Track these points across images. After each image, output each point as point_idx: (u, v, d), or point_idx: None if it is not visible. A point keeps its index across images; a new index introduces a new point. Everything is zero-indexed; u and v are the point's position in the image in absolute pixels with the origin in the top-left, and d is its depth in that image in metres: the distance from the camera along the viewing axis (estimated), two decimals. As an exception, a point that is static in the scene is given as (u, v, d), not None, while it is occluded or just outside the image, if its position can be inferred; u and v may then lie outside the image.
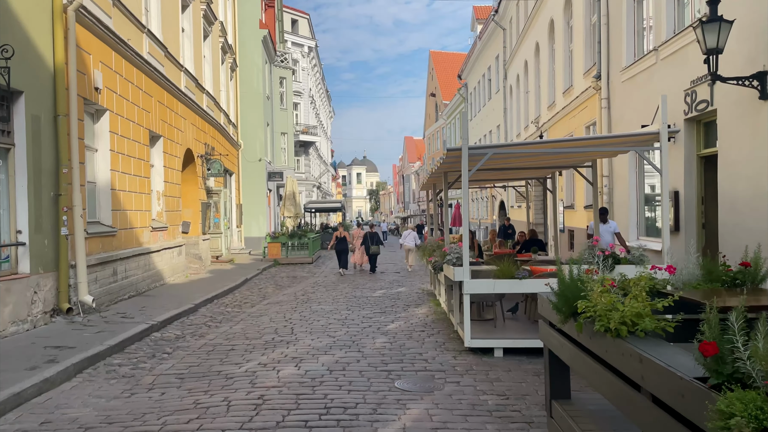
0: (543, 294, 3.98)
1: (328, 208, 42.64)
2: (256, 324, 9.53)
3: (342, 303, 11.81)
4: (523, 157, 8.03)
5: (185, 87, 17.31)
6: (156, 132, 14.46)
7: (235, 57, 27.59)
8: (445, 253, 7.58)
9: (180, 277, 15.81)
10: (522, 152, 7.33)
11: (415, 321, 9.46)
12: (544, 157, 8.30)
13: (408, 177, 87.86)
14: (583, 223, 15.96)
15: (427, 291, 13.58)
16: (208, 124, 20.68)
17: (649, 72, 11.31)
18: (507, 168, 9.79)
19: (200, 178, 19.25)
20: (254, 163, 29.84)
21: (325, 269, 20.19)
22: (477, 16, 41.61)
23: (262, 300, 12.69)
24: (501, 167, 9.42)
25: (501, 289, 6.89)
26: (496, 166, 9.13)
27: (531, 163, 9.16)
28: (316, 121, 54.78)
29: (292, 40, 47.27)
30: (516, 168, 9.94)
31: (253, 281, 16.59)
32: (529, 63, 23.96)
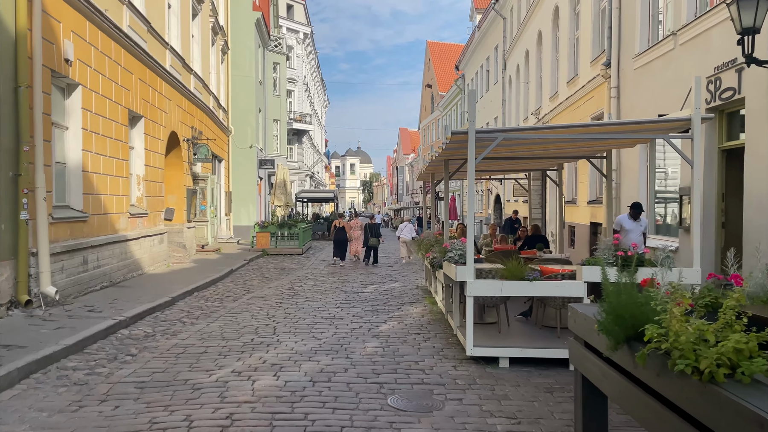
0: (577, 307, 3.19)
1: (321, 198, 41.79)
2: (235, 321, 8.71)
3: (331, 299, 11.02)
4: (535, 143, 7.24)
5: (170, 66, 16.38)
6: (136, 112, 13.55)
7: (227, 39, 26.58)
8: (445, 249, 6.79)
9: (161, 267, 14.95)
10: (536, 137, 6.53)
11: (410, 321, 8.67)
12: (557, 144, 7.51)
13: (402, 169, 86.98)
14: (585, 219, 15.22)
15: (421, 287, 12.80)
16: (196, 107, 19.74)
17: (666, 58, 10.52)
18: (512, 157, 8.99)
19: (186, 163, 18.34)
20: (245, 150, 28.91)
21: (315, 261, 19.38)
22: (476, 6, 40.68)
23: (245, 293, 11.87)
24: (507, 156, 8.62)
25: (509, 291, 6.11)
26: (502, 155, 8.33)
27: (540, 152, 8.37)
28: (310, 110, 53.76)
29: (287, 25, 46.14)
30: (522, 157, 9.14)
31: (238, 272, 15.76)
32: (531, 52, 23.14)
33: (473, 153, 6.06)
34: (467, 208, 40.62)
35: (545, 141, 6.89)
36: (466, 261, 6.30)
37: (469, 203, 6.11)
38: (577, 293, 6.09)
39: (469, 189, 6.15)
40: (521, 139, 6.60)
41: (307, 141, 53.18)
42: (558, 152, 8.53)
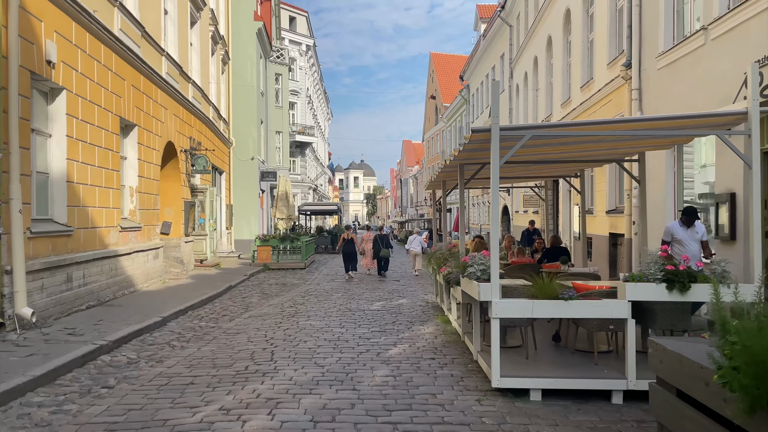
0: (664, 343, 2.37)
1: (324, 211, 41.04)
2: (230, 345, 7.89)
3: (335, 318, 10.19)
4: (562, 144, 6.45)
5: (167, 74, 15.71)
6: (129, 120, 12.84)
7: (227, 49, 26.01)
8: (464, 263, 5.98)
9: (156, 283, 14.16)
10: (570, 135, 5.74)
11: (422, 344, 7.84)
12: (585, 146, 6.72)
13: (406, 181, 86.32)
14: (603, 230, 14.38)
15: (431, 304, 11.97)
16: (194, 117, 19.07)
17: (695, 55, 9.75)
18: (531, 161, 8.20)
19: (183, 174, 17.62)
20: (246, 162, 28.23)
21: (318, 276, 18.56)
22: (481, 15, 40.15)
23: (243, 312, 11.06)
24: (525, 159, 7.84)
25: (541, 312, 5.29)
26: (521, 158, 7.53)
27: (564, 155, 7.58)
28: (313, 122, 53.22)
29: (290, 37, 45.74)
30: (542, 161, 8.35)
31: (237, 288, 14.95)
32: (540, 59, 22.43)
33: (497, 153, 5.27)
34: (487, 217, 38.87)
35: (576, 140, 6.10)
36: (489, 277, 5.49)
37: (492, 211, 5.32)
38: (620, 314, 5.27)
39: (493, 195, 5.35)
40: (551, 138, 5.81)
41: (310, 153, 52.59)
42: (584, 155, 7.74)
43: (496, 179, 5.32)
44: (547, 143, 6.34)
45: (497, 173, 5.33)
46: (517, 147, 5.43)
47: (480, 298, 5.32)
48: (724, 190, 8.70)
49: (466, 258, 5.93)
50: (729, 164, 8.61)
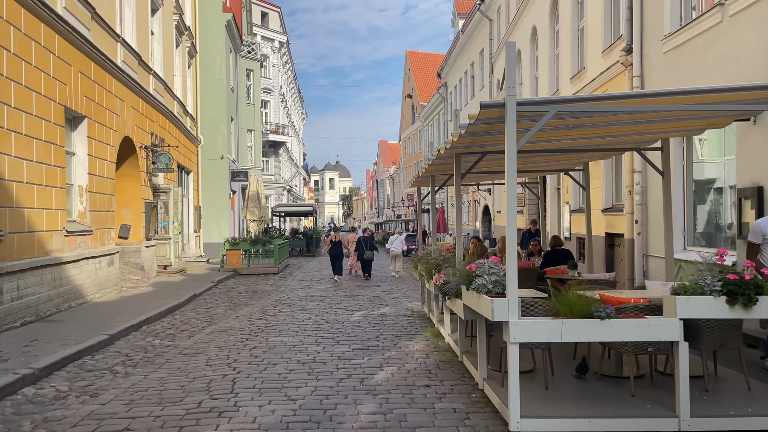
0: None
1: (299, 212, 39.64)
2: (184, 370, 6.63)
3: (310, 332, 8.96)
4: (580, 127, 5.36)
5: (123, 62, 14.30)
6: (77, 111, 11.45)
7: (194, 42, 24.56)
8: (470, 272, 4.84)
9: (110, 293, 12.76)
10: (605, 111, 4.59)
11: (413, 365, 6.67)
12: (607, 129, 5.63)
13: (382, 182, 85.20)
14: (599, 229, 13.40)
15: (417, 312, 10.82)
16: (157, 112, 17.65)
17: (710, 35, 8.78)
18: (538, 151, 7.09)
19: (144, 173, 16.20)
20: (216, 161, 26.80)
21: (293, 281, 17.28)
22: (459, 10, 39.25)
23: (206, 326, 9.77)
24: (532, 149, 6.73)
25: (573, 334, 4.18)
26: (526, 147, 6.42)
27: (577, 142, 6.49)
28: (287, 121, 51.74)
29: (262, 33, 44.21)
30: (549, 151, 7.24)
31: (202, 297, 13.61)
32: (524, 51, 21.49)
33: (514, 135, 4.14)
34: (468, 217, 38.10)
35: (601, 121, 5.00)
36: (504, 290, 4.37)
37: (509, 207, 4.20)
38: (670, 335, 4.18)
39: (509, 188, 4.22)
40: (576, 115, 4.69)
41: (284, 153, 51.09)
42: (598, 142, 6.66)
43: (512, 167, 4.19)
44: (562, 126, 5.24)
45: (514, 160, 4.20)
46: (538, 127, 4.30)
47: (494, 317, 4.18)
48: (749, 183, 7.73)
49: (472, 266, 4.80)
50: (754, 154, 7.64)
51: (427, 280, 8.31)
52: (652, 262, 10.70)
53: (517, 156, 7.55)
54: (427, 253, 8.89)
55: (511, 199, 4.26)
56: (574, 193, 15.66)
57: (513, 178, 4.20)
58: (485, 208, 31.18)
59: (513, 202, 4.30)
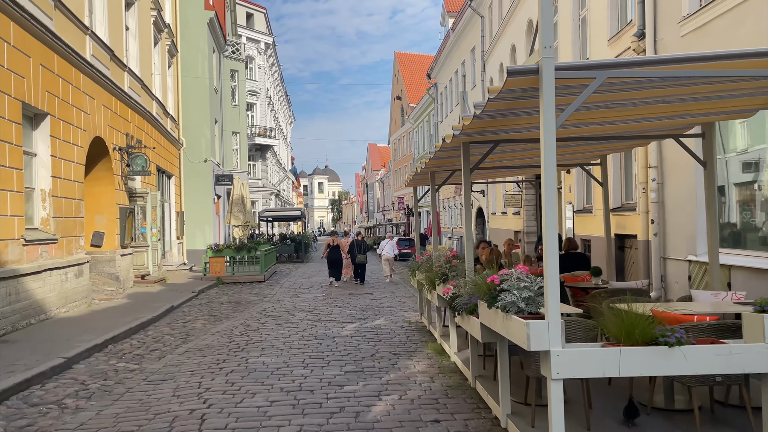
0: None
1: (287, 217, 38.55)
2: (145, 404, 5.60)
3: (296, 350, 7.95)
4: (622, 105, 4.41)
5: (93, 56, 13.24)
6: (38, 107, 10.39)
7: (175, 40, 23.49)
8: (491, 285, 3.87)
9: (78, 307, 11.67)
10: (665, 76, 3.61)
11: (416, 392, 5.69)
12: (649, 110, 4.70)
13: (372, 185, 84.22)
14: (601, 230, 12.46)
15: (415, 324, 9.85)
16: (133, 111, 16.57)
17: (737, 13, 7.88)
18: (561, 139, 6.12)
19: (118, 176, 15.11)
20: (199, 165, 25.68)
21: (280, 290, 16.23)
22: (448, 9, 38.47)
23: (180, 344, 8.73)
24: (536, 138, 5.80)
25: (633, 367, 3.22)
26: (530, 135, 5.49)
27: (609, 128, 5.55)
28: (274, 124, 50.67)
29: (247, 35, 43.16)
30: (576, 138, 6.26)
31: (180, 310, 12.55)
32: (518, 46, 20.64)
33: (552, 108, 3.20)
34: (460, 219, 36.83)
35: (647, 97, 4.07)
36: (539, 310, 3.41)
37: (547, 203, 3.26)
38: (760, 365, 3.24)
39: (546, 176, 3.26)
40: (626, 86, 3.71)
41: (272, 157, 50.02)
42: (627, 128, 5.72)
43: (551, 152, 3.24)
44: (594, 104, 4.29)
45: (552, 142, 3.25)
46: (580, 100, 3.36)
47: (531, 345, 3.22)
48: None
49: (495, 277, 3.83)
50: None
51: (428, 289, 7.34)
52: (672, 266, 9.79)
53: (519, 150, 6.64)
54: (427, 259, 7.92)
55: (550, 193, 3.31)
56: (577, 191, 14.77)
57: (552, 165, 3.25)
58: (479, 211, 30.30)
59: (552, 197, 3.34)
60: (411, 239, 35.41)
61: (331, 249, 17.65)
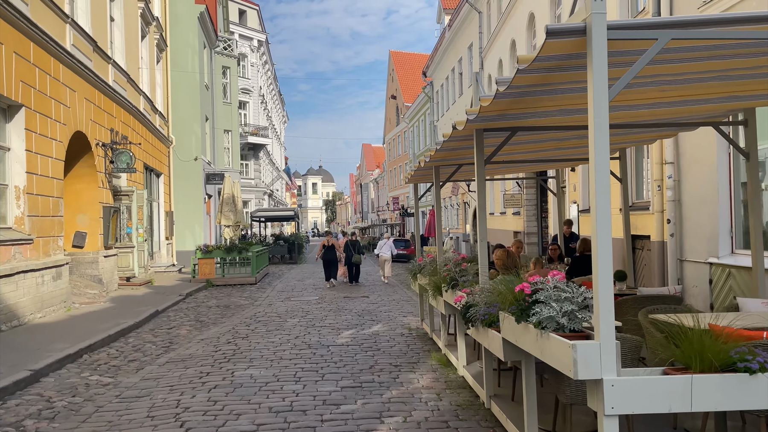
0: None
1: (280, 217, 37.80)
2: (114, 427, 4.92)
3: (287, 361, 7.27)
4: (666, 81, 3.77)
5: (73, 46, 12.52)
6: (11, 99, 9.67)
7: (164, 34, 22.77)
8: (519, 295, 3.21)
9: (56, 312, 10.95)
10: (741, 38, 2.98)
11: (423, 413, 5.03)
12: (692, 90, 4.07)
13: (366, 185, 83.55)
14: (617, 231, 11.85)
15: (415, 331, 9.19)
16: (118, 106, 15.85)
17: None
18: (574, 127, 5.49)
19: (102, 173, 14.38)
20: (189, 163, 24.94)
21: (271, 293, 15.54)
22: (444, 6, 37.83)
23: (162, 353, 8.05)
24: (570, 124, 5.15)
25: (708, 400, 2.59)
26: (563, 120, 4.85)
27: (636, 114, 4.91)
28: (267, 123, 49.90)
29: (240, 32, 42.37)
30: (628, 126, 5.59)
31: (166, 314, 11.84)
32: (519, 41, 20.04)
33: (604, 75, 2.56)
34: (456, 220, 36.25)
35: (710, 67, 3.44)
36: (583, 328, 2.76)
37: (598, 197, 2.61)
38: None
39: (598, 164, 2.62)
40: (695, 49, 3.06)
41: (265, 157, 49.24)
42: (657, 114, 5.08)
43: (603, 130, 2.60)
44: (642, 79, 3.65)
45: (605, 118, 2.60)
46: (640, 65, 2.71)
47: (578, 373, 2.57)
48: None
49: (525, 287, 3.17)
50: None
51: (433, 295, 6.68)
52: (690, 269, 9.17)
53: (535, 141, 5.99)
54: (431, 262, 7.27)
55: (602, 181, 2.65)
56: (583, 190, 14.17)
57: (604, 147, 2.62)
58: (475, 211, 29.67)
59: (605, 186, 2.68)
60: (406, 240, 34.74)
61: (327, 249, 17.31)
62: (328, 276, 17.27)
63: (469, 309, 4.29)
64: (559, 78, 3.32)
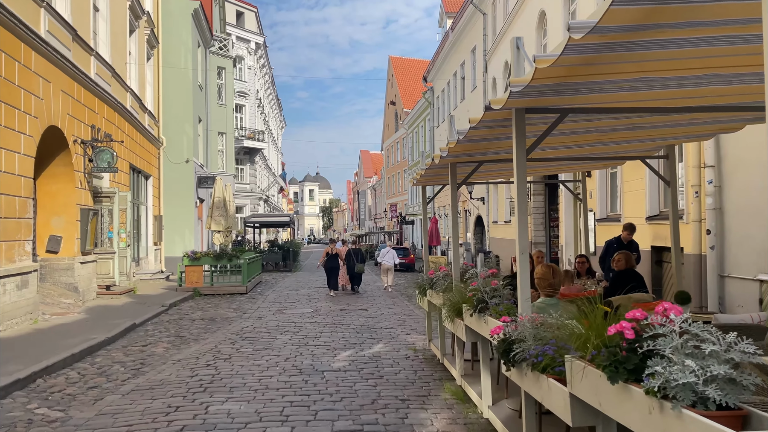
0: None
1: (275, 223, 36.64)
2: (44, 488, 3.81)
3: (273, 392, 6.16)
4: None
5: (48, 32, 11.45)
6: (-31, 84, 8.59)
7: (155, 30, 21.74)
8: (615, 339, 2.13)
9: (21, 324, 9.82)
10: None
11: (441, 471, 3.94)
12: None
13: (364, 192, 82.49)
14: (644, 242, 10.80)
15: (422, 352, 8.09)
16: (101, 101, 14.76)
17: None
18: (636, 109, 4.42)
19: (80, 173, 13.28)
20: (180, 165, 23.85)
21: (262, 304, 14.41)
22: (446, 9, 36.98)
23: (130, 377, 6.93)
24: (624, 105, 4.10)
25: None
26: (613, 99, 3.79)
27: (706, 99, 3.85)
28: (264, 127, 48.85)
29: (237, 34, 41.40)
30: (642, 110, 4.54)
31: (144, 328, 10.71)
32: (528, 42, 19.03)
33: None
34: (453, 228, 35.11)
35: None
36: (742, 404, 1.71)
37: None
38: None
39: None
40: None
41: (261, 161, 48.17)
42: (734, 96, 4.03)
43: None
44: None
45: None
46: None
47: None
48: None
49: (625, 327, 2.04)
50: None
51: (448, 316, 5.58)
52: (733, 286, 8.11)
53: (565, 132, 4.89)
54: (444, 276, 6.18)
55: None
56: (600, 198, 13.13)
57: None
58: (478, 219, 28.64)
59: None
60: (405, 248, 33.65)
61: (330, 257, 17.02)
62: (331, 284, 16.88)
63: (512, 345, 3.21)
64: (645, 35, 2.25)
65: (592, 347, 2.40)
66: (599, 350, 2.32)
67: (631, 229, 9.02)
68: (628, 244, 8.76)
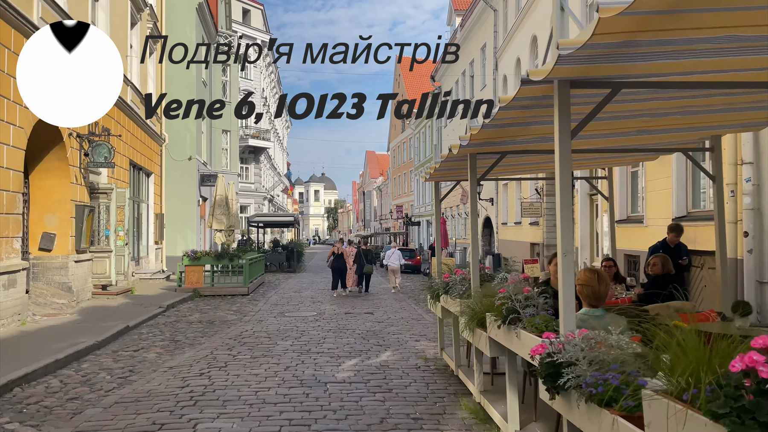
0: None
1: (279, 223, 36.07)
2: None
3: (271, 407, 5.55)
4: None
5: (41, 19, 10.91)
6: (-49, 70, 8.04)
7: (158, 23, 21.22)
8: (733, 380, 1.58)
9: (7, 326, 9.26)
10: None
11: None
12: None
13: (369, 193, 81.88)
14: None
15: (433, 362, 7.48)
16: (99, 94, 14.18)
17: None
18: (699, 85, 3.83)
19: (76, 168, 12.74)
20: (182, 163, 23.33)
21: (264, 307, 13.82)
22: (456, 7, 36.35)
23: (115, 388, 6.34)
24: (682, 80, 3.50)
25: None
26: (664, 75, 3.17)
27: None
28: (269, 126, 48.34)
29: (243, 31, 40.89)
30: (699, 111, 3.96)
31: (137, 331, 10.14)
32: (540, 37, 18.43)
33: None
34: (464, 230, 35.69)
35: None
36: None
37: None
38: None
39: None
40: None
41: (266, 161, 47.64)
42: None
43: None
44: None
45: None
46: None
47: None
48: None
49: (754, 362, 1.49)
50: None
51: (468, 326, 4.96)
52: (774, 293, 7.45)
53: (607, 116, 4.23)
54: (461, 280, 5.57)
55: None
56: (620, 198, 12.47)
57: None
58: (486, 221, 27.97)
59: None
60: (411, 249, 33.02)
61: (336, 257, 16.82)
62: (335, 284, 16.65)
63: (560, 368, 2.60)
64: None
65: (694, 382, 1.77)
66: (700, 386, 1.70)
67: (678, 230, 7.89)
68: (675, 248, 7.81)
